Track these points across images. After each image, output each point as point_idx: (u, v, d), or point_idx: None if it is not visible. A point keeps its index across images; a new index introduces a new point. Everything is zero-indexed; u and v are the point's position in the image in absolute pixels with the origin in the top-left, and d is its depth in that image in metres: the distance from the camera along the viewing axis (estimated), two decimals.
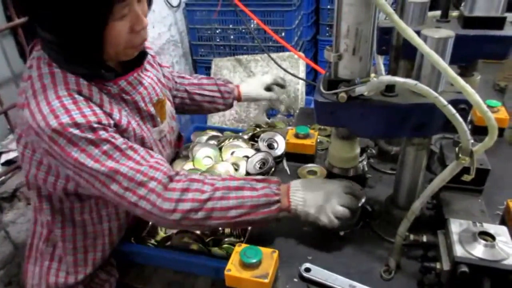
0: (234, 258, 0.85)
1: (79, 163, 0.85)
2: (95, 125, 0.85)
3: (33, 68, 0.89)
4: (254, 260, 0.82)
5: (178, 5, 2.66)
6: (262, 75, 1.55)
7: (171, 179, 0.90)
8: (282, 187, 0.95)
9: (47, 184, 0.96)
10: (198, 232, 1.08)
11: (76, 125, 0.83)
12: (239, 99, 1.45)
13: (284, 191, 0.95)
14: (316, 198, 0.93)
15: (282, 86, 1.51)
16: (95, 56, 0.90)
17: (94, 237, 1.04)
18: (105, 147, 0.86)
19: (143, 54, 1.04)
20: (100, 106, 0.90)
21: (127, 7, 0.84)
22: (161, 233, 1.15)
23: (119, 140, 0.89)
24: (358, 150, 1.00)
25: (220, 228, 1.11)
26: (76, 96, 0.86)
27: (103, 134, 0.86)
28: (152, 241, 1.11)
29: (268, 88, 1.47)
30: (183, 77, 1.40)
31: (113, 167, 0.86)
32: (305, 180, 1.03)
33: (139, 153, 0.91)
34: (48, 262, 1.06)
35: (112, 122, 0.90)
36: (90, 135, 0.85)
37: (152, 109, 1.05)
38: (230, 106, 1.46)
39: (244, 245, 0.87)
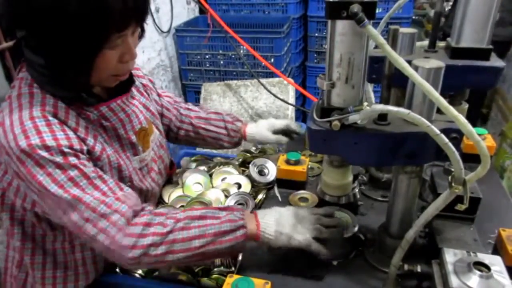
0: None
1: (43, 187, 0.82)
2: (66, 150, 0.83)
3: (15, 87, 0.90)
4: None
5: (168, 31, 2.68)
6: (276, 120, 1.37)
7: (136, 213, 0.87)
8: (246, 213, 0.93)
9: (16, 207, 0.94)
10: None
11: (46, 147, 0.81)
12: (244, 138, 1.36)
13: (250, 216, 0.93)
14: (288, 219, 0.91)
15: (296, 133, 1.35)
16: (80, 81, 0.89)
17: (65, 267, 0.99)
18: (73, 173, 0.83)
19: (130, 82, 1.03)
20: (75, 131, 0.88)
21: (121, 38, 0.84)
22: None
23: (89, 168, 0.86)
24: (351, 178, 1.00)
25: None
26: (51, 118, 0.85)
27: (72, 160, 0.84)
28: (139, 271, 1.07)
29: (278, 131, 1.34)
30: (190, 109, 1.36)
31: (76, 194, 0.83)
32: (271, 209, 0.98)
33: (108, 184, 0.88)
34: None
35: (85, 148, 0.88)
36: (58, 159, 0.82)
37: (133, 137, 1.03)
38: (236, 144, 1.37)
39: (235, 276, 0.84)
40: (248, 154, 1.49)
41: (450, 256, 0.81)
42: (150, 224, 0.85)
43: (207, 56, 2.62)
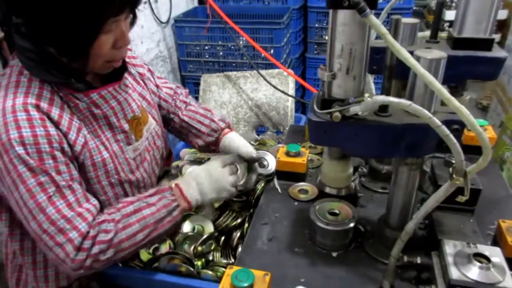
0: (225, 281, 0.82)
1: (14, 185, 0.84)
2: (43, 148, 0.84)
3: (5, 76, 0.90)
4: (246, 284, 0.79)
5: (167, 21, 2.66)
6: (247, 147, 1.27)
7: (90, 227, 0.88)
8: (175, 190, 1.01)
9: (3, 193, 0.93)
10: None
11: (23, 144, 0.82)
12: (218, 143, 1.29)
13: (178, 193, 1.01)
14: (210, 186, 1.05)
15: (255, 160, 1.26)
16: (75, 67, 0.90)
17: None
18: (43, 178, 0.84)
19: (122, 69, 1.03)
20: (57, 124, 0.88)
21: (115, 22, 0.85)
22: (147, 254, 1.11)
23: (60, 176, 0.86)
24: (351, 170, 1.00)
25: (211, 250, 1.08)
26: (32, 112, 0.85)
27: (48, 163, 0.85)
28: (138, 262, 1.08)
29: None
30: (185, 102, 1.33)
31: (41, 203, 0.84)
32: (192, 173, 1.09)
33: (76, 194, 0.89)
34: (17, 274, 1.04)
35: (65, 144, 0.88)
36: (31, 161, 0.83)
37: (125, 126, 1.03)
38: (209, 145, 1.29)
39: (235, 268, 0.84)
40: None
41: (450, 247, 0.81)
42: (96, 235, 0.88)
43: (206, 47, 2.60)
